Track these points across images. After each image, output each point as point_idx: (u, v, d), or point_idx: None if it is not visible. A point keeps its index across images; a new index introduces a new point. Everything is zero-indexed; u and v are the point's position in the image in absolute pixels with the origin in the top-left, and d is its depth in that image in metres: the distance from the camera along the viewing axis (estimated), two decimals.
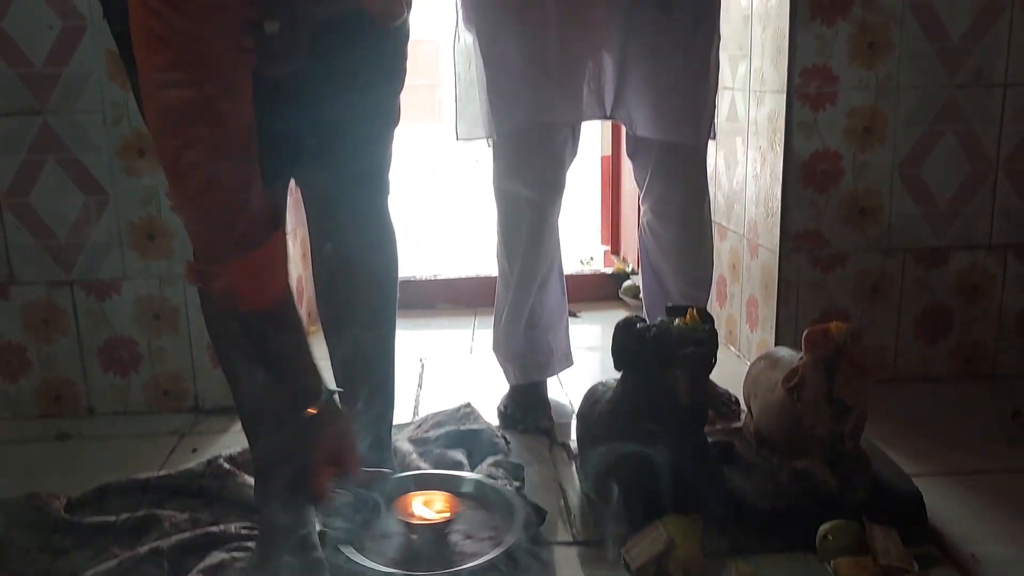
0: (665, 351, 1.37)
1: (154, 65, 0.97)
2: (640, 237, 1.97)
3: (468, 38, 1.79)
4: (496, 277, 1.94)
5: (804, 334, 1.39)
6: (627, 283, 2.88)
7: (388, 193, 1.44)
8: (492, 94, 1.76)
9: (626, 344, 1.42)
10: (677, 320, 1.41)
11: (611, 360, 1.44)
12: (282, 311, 1.08)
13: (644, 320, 1.44)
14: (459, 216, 3.89)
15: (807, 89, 1.93)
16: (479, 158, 1.88)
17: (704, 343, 1.38)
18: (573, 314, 2.60)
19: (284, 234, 1.11)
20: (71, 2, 1.83)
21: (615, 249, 3.19)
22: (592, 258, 3.32)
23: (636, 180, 1.92)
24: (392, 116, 1.40)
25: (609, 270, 3.02)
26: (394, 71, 1.37)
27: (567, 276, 2.01)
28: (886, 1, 1.89)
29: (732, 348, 2.36)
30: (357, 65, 1.28)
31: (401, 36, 1.35)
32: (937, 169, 1.98)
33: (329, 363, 1.44)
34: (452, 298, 2.87)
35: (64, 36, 1.84)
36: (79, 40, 1.85)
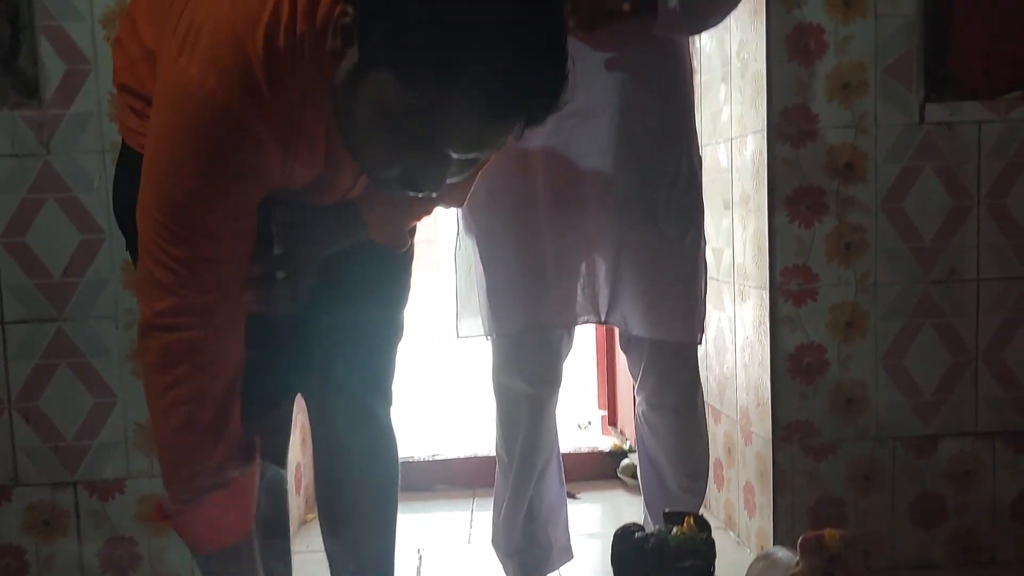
0: (664, 563, 1.39)
1: (155, 311, 1.03)
2: (637, 427, 2.02)
3: (468, 244, 1.89)
4: (494, 457, 1.97)
5: (799, 541, 1.41)
6: (625, 462, 2.90)
7: (390, 404, 1.49)
8: (491, 297, 1.84)
9: (625, 554, 1.44)
10: (675, 529, 1.44)
11: (611, 549, 1.46)
12: (238, 550, 1.11)
13: (642, 528, 1.47)
14: (456, 390, 3.95)
15: (789, 286, 2.03)
16: (459, 243, 1.95)
17: (702, 555, 1.40)
18: (572, 495, 2.61)
19: (255, 472, 1.14)
20: (91, 216, 1.94)
21: (612, 416, 3.23)
22: (590, 423, 3.35)
23: (630, 371, 1.98)
24: (397, 331, 1.47)
25: (607, 447, 3.04)
26: (399, 290, 1.45)
27: (564, 454, 2.04)
28: (860, 205, 2.01)
29: (732, 533, 2.36)
30: (363, 287, 1.37)
31: (406, 258, 1.44)
32: (919, 360, 2.05)
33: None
34: (450, 479, 2.88)
35: (83, 247, 1.95)
36: (97, 250, 1.95)
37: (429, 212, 1.39)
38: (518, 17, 0.87)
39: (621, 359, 3.12)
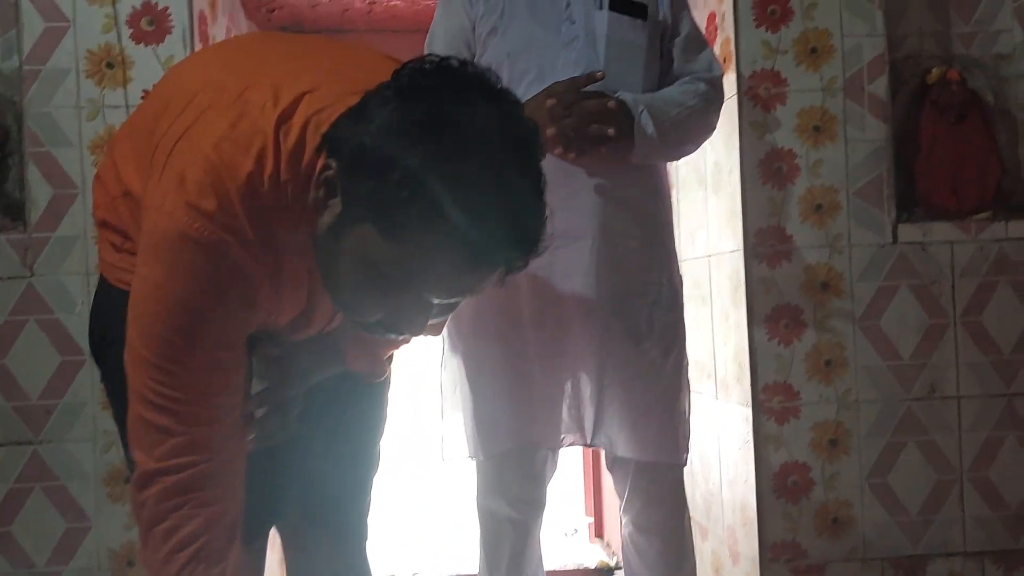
0: None
1: (157, 456, 1.02)
2: (623, 547, 1.98)
3: (454, 364, 1.89)
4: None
5: None
6: None
7: (367, 538, 1.47)
8: (476, 418, 1.83)
9: None
10: None
11: None
12: None
13: None
14: (439, 509, 3.89)
15: (771, 403, 2.03)
16: (444, 363, 1.93)
17: None
18: None
19: None
20: (72, 338, 1.93)
21: (598, 525, 3.18)
22: (576, 530, 3.29)
23: (616, 492, 1.96)
24: (374, 462, 1.46)
25: (593, 563, 2.98)
26: (377, 420, 1.44)
27: (549, 571, 2.00)
28: (838, 322, 2.04)
29: None
30: (341, 419, 1.36)
31: (384, 386, 1.44)
32: (904, 479, 2.04)
33: None
34: None
35: (62, 369, 1.93)
36: (76, 372, 1.94)
37: (408, 341, 1.39)
38: (498, 172, 0.89)
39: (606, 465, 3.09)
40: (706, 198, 2.27)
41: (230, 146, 0.97)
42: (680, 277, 1.84)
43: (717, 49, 2.12)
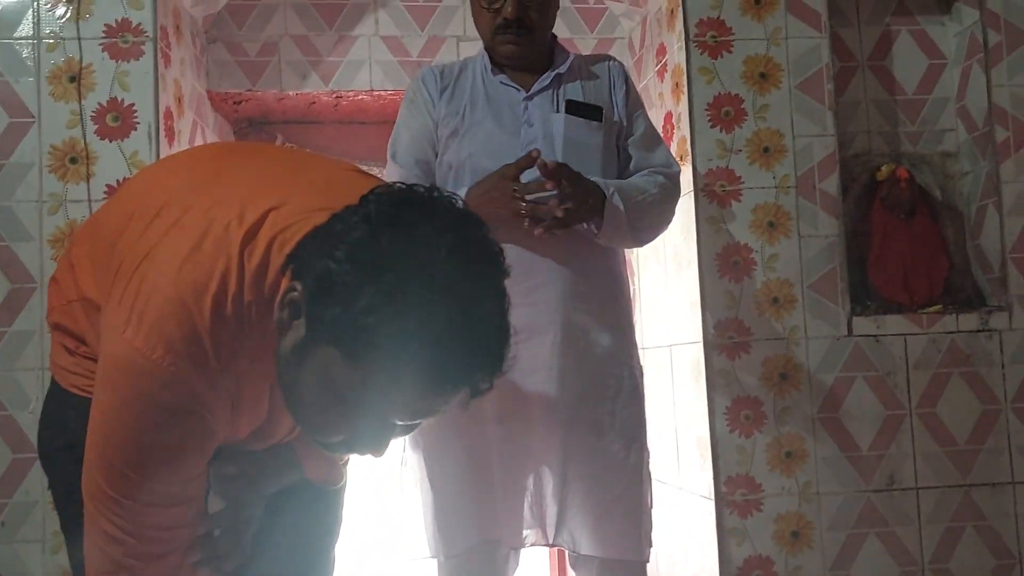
0: None
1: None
2: None
3: (415, 461, 1.87)
4: None
5: None
6: None
7: None
8: (438, 516, 1.81)
9: None
10: None
11: None
12: None
13: None
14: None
15: (733, 496, 2.03)
16: (404, 460, 1.89)
17: None
18: None
19: None
20: (25, 436, 1.89)
21: None
22: None
23: None
24: (329, 567, 1.43)
25: None
26: (332, 525, 1.42)
27: None
28: (797, 414, 2.06)
29: None
30: (297, 526, 1.34)
31: (340, 492, 1.42)
32: (867, 572, 2.04)
33: None
34: None
35: (14, 468, 1.89)
36: (28, 471, 1.89)
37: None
38: (464, 300, 0.90)
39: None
40: (667, 289, 2.30)
41: (193, 268, 0.96)
42: (641, 368, 1.85)
43: (674, 148, 2.18)
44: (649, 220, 1.79)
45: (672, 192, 1.81)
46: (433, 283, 0.89)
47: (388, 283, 0.88)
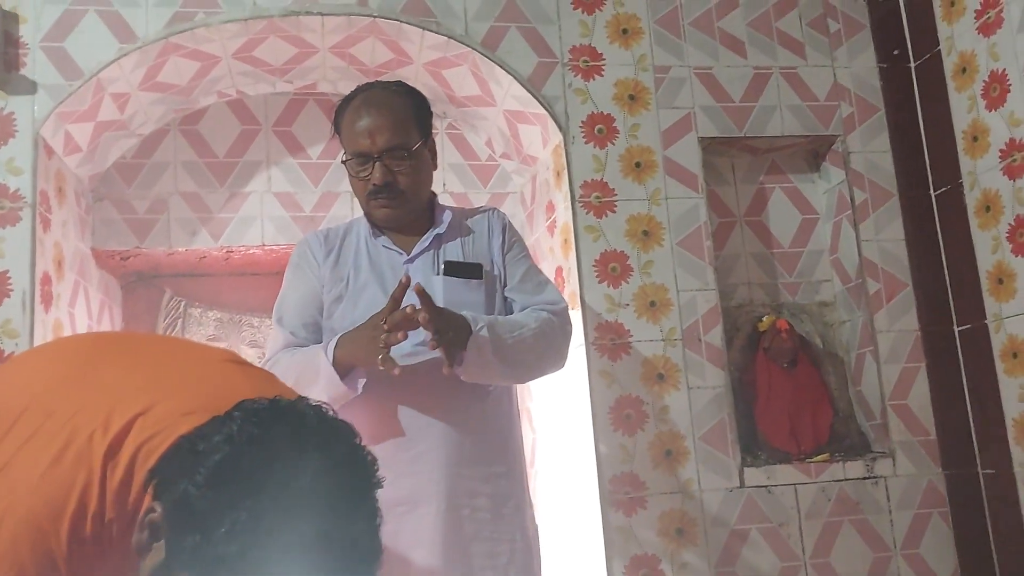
0: None
1: None
2: None
3: None
4: None
5: None
6: None
7: None
8: None
9: None
10: None
11: None
12: None
13: None
14: None
15: None
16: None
17: None
18: None
19: None
20: None
21: None
22: None
23: None
24: None
25: None
26: None
27: None
28: (696, 570, 2.04)
29: None
30: None
31: None
32: None
33: None
34: None
35: None
36: None
37: None
38: (329, 523, 0.87)
39: None
40: (561, 444, 2.29)
41: (51, 485, 0.91)
42: (536, 526, 1.81)
43: None
44: (526, 355, 1.72)
45: (556, 327, 1.75)
46: (296, 509, 0.86)
47: (249, 510, 0.85)
